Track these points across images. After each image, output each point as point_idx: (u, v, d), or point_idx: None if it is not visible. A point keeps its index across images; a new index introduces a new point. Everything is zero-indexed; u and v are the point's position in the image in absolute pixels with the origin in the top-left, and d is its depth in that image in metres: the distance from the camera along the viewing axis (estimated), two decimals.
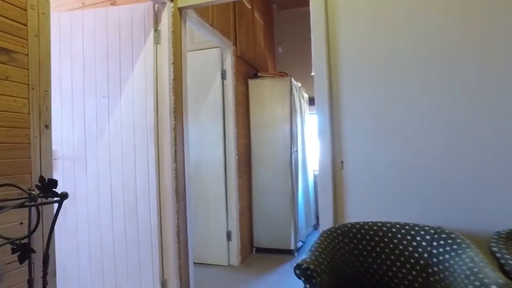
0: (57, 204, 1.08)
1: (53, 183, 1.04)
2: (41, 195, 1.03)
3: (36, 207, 1.01)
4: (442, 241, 1.46)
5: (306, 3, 2.31)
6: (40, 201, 1.05)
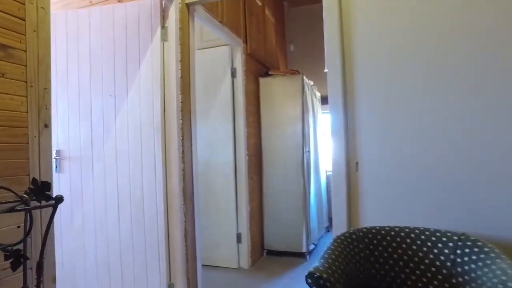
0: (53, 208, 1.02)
1: (47, 186, 0.97)
2: (34, 198, 0.97)
3: (29, 211, 0.95)
4: (467, 249, 1.35)
5: (318, 0, 2.21)
6: (34, 205, 0.99)
